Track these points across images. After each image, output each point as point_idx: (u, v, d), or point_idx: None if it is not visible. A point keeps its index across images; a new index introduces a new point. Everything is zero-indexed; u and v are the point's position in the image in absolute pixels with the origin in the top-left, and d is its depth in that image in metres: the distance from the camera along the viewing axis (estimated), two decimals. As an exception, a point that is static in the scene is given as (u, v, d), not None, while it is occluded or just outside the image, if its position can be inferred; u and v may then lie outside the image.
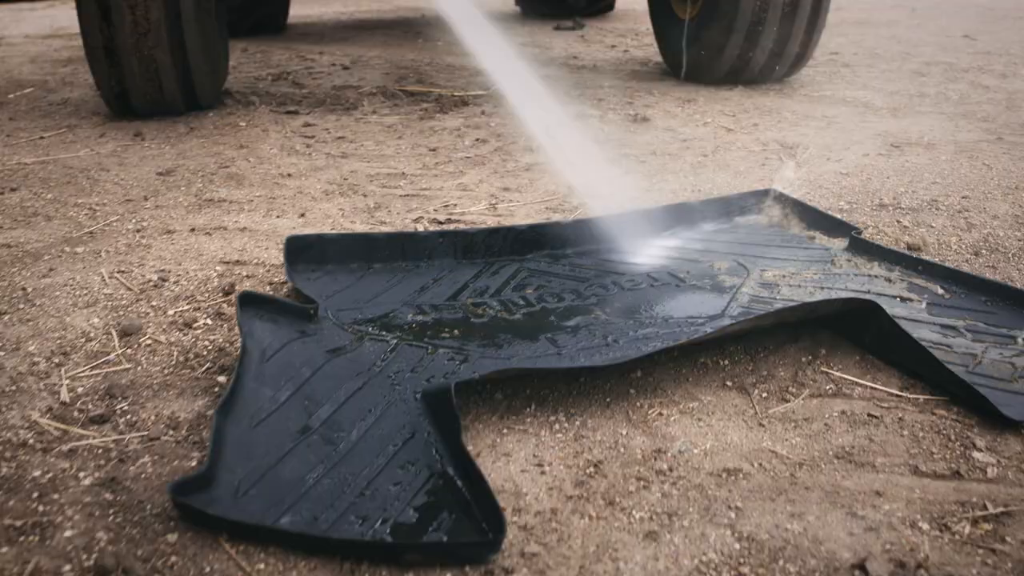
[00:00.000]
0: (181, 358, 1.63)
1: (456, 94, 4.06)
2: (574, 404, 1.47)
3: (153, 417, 1.44)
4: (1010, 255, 2.05)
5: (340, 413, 1.40)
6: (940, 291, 1.79)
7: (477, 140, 3.23)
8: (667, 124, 3.42)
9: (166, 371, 1.59)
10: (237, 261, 2.07)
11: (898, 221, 2.26)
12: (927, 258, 1.92)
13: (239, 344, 1.56)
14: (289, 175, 2.79)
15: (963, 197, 2.45)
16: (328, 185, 2.68)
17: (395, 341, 1.63)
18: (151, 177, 2.76)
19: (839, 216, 2.19)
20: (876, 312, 1.54)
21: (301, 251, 1.94)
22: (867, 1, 8.47)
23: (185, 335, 1.71)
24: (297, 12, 7.59)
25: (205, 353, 1.64)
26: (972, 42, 5.68)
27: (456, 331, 1.67)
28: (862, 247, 1.99)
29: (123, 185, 2.68)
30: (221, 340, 1.69)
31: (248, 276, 1.98)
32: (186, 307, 1.84)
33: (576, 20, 6.72)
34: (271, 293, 1.88)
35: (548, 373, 1.51)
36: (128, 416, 1.45)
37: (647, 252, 2.04)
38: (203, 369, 1.59)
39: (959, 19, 6.99)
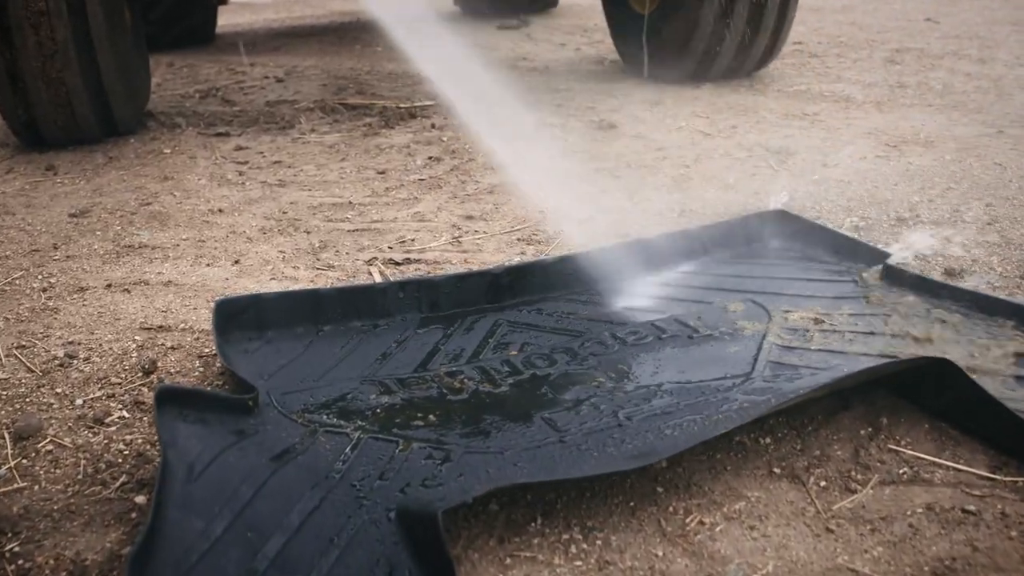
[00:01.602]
0: (90, 469, 1.30)
1: (401, 106, 3.73)
2: (590, 512, 1.16)
3: (52, 562, 1.12)
4: (1064, 277, 1.78)
5: (294, 546, 1.08)
6: (1008, 331, 1.50)
7: (430, 159, 2.91)
8: (637, 130, 3.12)
9: (70, 490, 1.25)
10: (160, 327, 1.73)
11: (924, 239, 1.97)
12: (981, 290, 1.63)
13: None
14: (220, 211, 2.45)
15: (987, 205, 2.17)
16: (265, 221, 2.35)
17: (357, 434, 1.30)
18: (63, 220, 2.41)
19: (859, 237, 1.91)
20: (950, 372, 1.25)
21: (234, 316, 1.60)
22: (815, -14, 8.25)
23: (95, 435, 1.38)
24: (227, 21, 7.22)
25: (120, 461, 1.31)
26: (936, 26, 5.45)
27: (431, 415, 1.35)
28: (897, 277, 1.70)
29: (30, 231, 2.33)
30: (140, 440, 1.36)
31: (173, 347, 1.64)
32: (98, 393, 1.50)
33: (520, 18, 6.41)
34: (200, 372, 1.55)
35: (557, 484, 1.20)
36: (20, 561, 1.12)
37: (647, 294, 1.74)
38: (117, 485, 1.26)
39: (915, 2, 6.77)
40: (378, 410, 1.37)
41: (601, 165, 2.71)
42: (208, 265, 2.05)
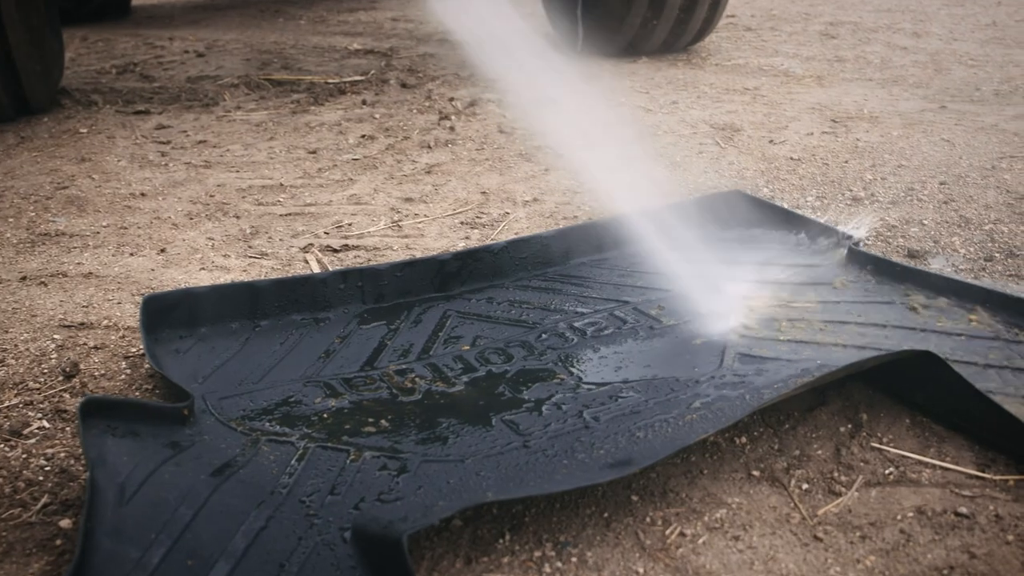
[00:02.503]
0: (7, 489, 1.17)
1: (330, 81, 3.60)
2: (561, 525, 1.07)
3: (-35, 597, 1.00)
4: (1027, 257, 1.73)
5: (240, 574, 0.98)
6: (984, 319, 1.44)
7: (363, 137, 2.78)
8: (576, 106, 3.02)
9: (-15, 513, 1.13)
10: (81, 324, 1.61)
11: (883, 219, 1.92)
12: (949, 274, 1.58)
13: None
14: (143, 194, 2.31)
15: (941, 183, 2.13)
16: (191, 205, 2.21)
17: (303, 443, 1.20)
18: (-29, 206, 2.25)
19: (816, 216, 1.84)
20: (933, 364, 1.18)
21: (164, 313, 1.48)
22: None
23: (12, 449, 1.25)
24: (142, -7, 6.96)
25: (41, 479, 1.19)
26: (866, -1, 5.45)
27: (383, 420, 1.25)
28: (862, 261, 1.63)
29: (-64, 219, 2.17)
30: (63, 454, 1.24)
31: (96, 347, 1.52)
32: (14, 401, 1.37)
33: (447, -9, 6.26)
34: (127, 374, 1.43)
35: (528, 499, 1.11)
36: (-72, 597, 1.00)
37: (601, 280, 1.65)
38: (38, 507, 1.14)
39: (842, -26, 6.77)
40: (324, 415, 1.27)
41: (542, 143, 2.61)
42: (132, 254, 1.92)
